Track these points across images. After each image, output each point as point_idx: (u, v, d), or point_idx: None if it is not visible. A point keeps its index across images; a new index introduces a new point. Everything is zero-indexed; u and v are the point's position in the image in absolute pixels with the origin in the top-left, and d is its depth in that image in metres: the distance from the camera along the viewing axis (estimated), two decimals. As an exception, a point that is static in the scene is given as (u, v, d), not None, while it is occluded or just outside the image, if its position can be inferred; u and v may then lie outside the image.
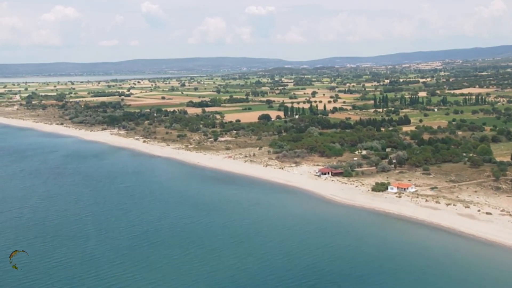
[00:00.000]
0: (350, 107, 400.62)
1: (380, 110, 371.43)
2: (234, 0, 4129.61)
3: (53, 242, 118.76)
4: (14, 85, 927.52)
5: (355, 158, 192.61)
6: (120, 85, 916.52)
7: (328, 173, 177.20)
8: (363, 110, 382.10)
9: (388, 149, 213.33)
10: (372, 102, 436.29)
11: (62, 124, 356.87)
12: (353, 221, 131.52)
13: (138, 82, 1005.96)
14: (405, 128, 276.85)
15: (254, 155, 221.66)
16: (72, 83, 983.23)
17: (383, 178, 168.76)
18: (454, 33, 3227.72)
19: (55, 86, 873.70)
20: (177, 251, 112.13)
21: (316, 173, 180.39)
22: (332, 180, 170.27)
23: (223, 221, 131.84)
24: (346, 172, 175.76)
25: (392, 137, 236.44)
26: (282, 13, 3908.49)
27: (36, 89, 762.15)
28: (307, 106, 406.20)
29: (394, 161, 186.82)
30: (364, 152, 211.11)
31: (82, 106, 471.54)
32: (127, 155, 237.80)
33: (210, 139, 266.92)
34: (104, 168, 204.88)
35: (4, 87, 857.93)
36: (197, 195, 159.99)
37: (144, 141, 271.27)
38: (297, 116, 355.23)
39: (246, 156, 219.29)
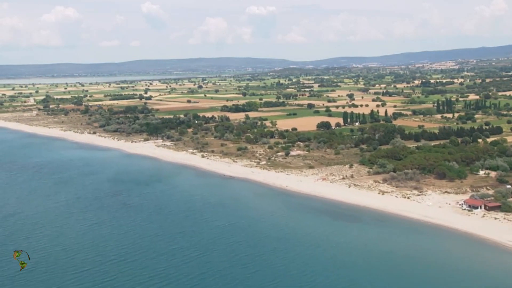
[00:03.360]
0: (410, 112, 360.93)
1: (450, 116, 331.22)
2: (235, 0, 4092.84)
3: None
4: (21, 87, 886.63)
5: (508, 186, 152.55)
6: (133, 86, 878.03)
7: (481, 206, 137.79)
8: (427, 115, 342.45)
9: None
10: (425, 105, 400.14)
11: (94, 133, 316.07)
12: None
13: (150, 83, 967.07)
14: (494, 138, 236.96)
15: (352, 176, 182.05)
16: (82, 85, 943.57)
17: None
18: (455, 33, 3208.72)
19: (65, 88, 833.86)
20: None
21: (462, 206, 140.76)
22: (495, 218, 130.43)
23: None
24: (504, 206, 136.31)
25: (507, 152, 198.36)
26: (283, 13, 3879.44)
27: (48, 92, 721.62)
28: (351, 109, 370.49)
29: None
30: (492, 174, 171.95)
31: (106, 111, 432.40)
32: (193, 176, 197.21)
33: (280, 154, 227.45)
34: (178, 197, 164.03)
35: (13, 89, 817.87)
36: (330, 243, 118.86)
37: (203, 156, 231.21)
38: (357, 123, 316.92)
39: (343, 178, 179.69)
